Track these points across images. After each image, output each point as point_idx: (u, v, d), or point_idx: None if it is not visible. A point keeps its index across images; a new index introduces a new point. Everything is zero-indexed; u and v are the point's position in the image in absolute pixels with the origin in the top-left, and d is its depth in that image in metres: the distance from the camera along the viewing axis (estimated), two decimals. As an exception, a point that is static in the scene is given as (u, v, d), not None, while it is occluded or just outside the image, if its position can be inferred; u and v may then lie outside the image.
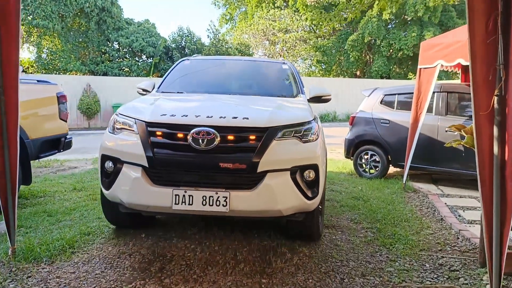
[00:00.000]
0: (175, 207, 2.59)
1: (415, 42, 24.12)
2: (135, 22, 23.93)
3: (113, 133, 2.94)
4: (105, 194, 2.94)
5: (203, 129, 2.63)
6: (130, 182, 2.69)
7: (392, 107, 6.10)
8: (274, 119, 2.82)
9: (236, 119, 2.74)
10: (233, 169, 2.62)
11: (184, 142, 2.65)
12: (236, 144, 2.70)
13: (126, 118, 2.92)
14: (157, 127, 2.73)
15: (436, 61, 4.99)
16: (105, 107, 18.04)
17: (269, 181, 2.64)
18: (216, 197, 2.59)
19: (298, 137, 2.83)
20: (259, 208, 2.65)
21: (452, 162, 5.39)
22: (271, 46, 27.87)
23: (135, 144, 2.71)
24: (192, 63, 4.47)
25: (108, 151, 2.86)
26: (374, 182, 5.85)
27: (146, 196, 2.66)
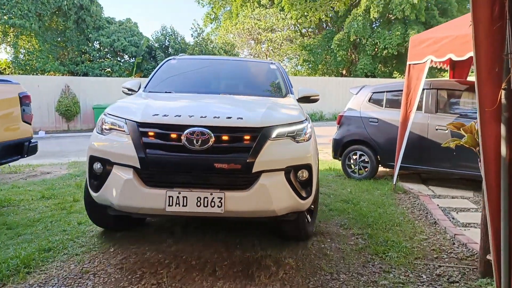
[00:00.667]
0: (169, 209, 2.53)
1: (399, 41, 24.18)
2: (116, 21, 23.33)
3: (102, 134, 2.84)
4: (94, 197, 2.81)
5: (197, 129, 2.58)
6: (121, 184, 2.59)
7: (381, 105, 5.87)
8: (268, 119, 2.79)
9: (230, 119, 2.70)
10: (228, 170, 2.57)
11: (178, 143, 2.59)
12: (231, 144, 2.66)
13: (115, 118, 2.82)
14: (149, 127, 2.66)
15: (426, 57, 4.78)
16: (85, 108, 17.46)
17: (264, 181, 2.61)
18: (211, 198, 2.54)
19: (292, 137, 2.81)
20: (254, 209, 2.62)
21: (443, 161, 5.19)
22: (257, 45, 27.59)
23: (126, 144, 2.63)
24: (178, 62, 4.40)
25: (97, 152, 2.76)
26: (363, 183, 5.61)
27: (138, 198, 2.57)
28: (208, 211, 2.54)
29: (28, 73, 21.05)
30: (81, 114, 17.47)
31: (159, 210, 2.56)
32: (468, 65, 6.44)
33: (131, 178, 2.56)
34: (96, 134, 2.90)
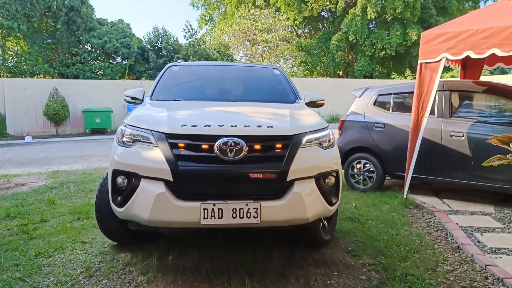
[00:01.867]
0: (204, 222, 2.46)
1: (399, 41, 23.74)
2: (108, 22, 22.72)
3: (125, 146, 2.70)
4: (117, 212, 2.69)
5: (230, 139, 2.52)
6: (152, 198, 2.48)
7: (387, 109, 5.31)
8: (296, 127, 2.78)
9: (260, 127, 2.66)
10: (263, 179, 2.53)
11: (210, 154, 2.52)
12: (264, 153, 2.60)
13: (139, 130, 2.71)
14: (179, 139, 2.57)
15: (440, 55, 4.23)
16: (75, 112, 16.84)
17: (298, 189, 2.58)
18: (247, 208, 2.49)
19: (318, 144, 2.82)
20: (289, 217, 2.59)
21: (459, 171, 4.63)
22: (253, 46, 27.04)
23: (156, 157, 2.54)
24: (181, 69, 4.32)
25: (121, 166, 2.63)
26: (369, 196, 5.04)
27: (171, 212, 2.48)
28: (244, 222, 2.50)
29: (17, 76, 20.39)
30: (71, 118, 16.85)
31: (194, 223, 2.49)
32: (481, 65, 5.91)
33: (163, 192, 2.47)
34: (117, 146, 2.75)
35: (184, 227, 2.63)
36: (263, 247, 3.37)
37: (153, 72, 20.85)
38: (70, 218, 4.28)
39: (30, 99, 16.26)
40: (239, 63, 5.49)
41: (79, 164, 8.88)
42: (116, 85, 17.78)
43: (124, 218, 2.71)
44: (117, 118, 17.44)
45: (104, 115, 16.54)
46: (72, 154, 10.71)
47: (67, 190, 5.81)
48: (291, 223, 2.65)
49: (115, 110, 17.16)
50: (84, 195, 5.43)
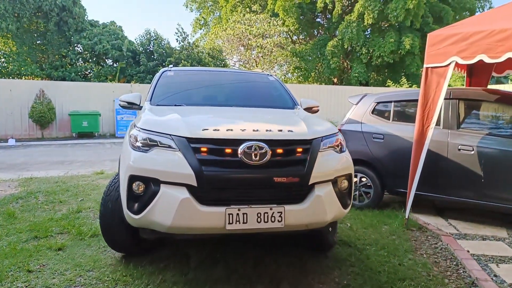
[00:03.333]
0: (229, 227, 2.45)
1: (393, 48, 23.44)
2: (100, 24, 22.19)
3: (142, 151, 2.60)
4: (134, 219, 2.57)
5: (254, 143, 2.51)
6: (175, 203, 2.42)
7: (387, 118, 4.83)
8: (314, 131, 2.81)
9: (281, 132, 2.67)
10: (287, 183, 2.55)
11: (234, 158, 2.50)
12: (286, 157, 2.62)
13: (156, 134, 2.62)
14: (202, 143, 2.53)
15: (449, 58, 3.77)
16: (62, 115, 16.23)
17: (319, 193, 2.62)
18: (271, 213, 2.50)
19: (333, 148, 2.87)
20: (311, 221, 2.63)
21: (468, 190, 4.15)
22: (247, 51, 26.61)
23: (178, 162, 2.47)
24: (176, 74, 4.26)
25: (139, 171, 2.52)
26: (366, 214, 4.54)
27: (195, 218, 2.43)
28: (269, 226, 2.50)
29: (4, 76, 19.74)
30: (57, 121, 16.23)
31: (219, 228, 2.46)
32: (488, 72, 5.47)
33: (187, 197, 2.42)
34: (132, 151, 2.64)
35: (208, 233, 2.59)
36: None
37: (144, 76, 20.32)
38: (26, 236, 3.74)
39: (15, 100, 15.66)
40: (233, 70, 5.41)
41: (57, 170, 8.30)
42: (105, 88, 17.23)
43: (139, 225, 2.63)
44: (106, 121, 16.87)
45: (91, 118, 15.97)
46: (53, 159, 10.13)
47: (35, 200, 5.25)
48: (310, 227, 2.68)
49: (103, 113, 16.59)
50: (51, 208, 4.87)
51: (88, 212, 4.62)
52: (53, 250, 3.37)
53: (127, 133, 2.97)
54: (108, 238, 3.12)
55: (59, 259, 3.19)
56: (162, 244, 3.43)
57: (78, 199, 5.32)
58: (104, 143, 14.15)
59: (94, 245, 3.48)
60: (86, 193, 5.72)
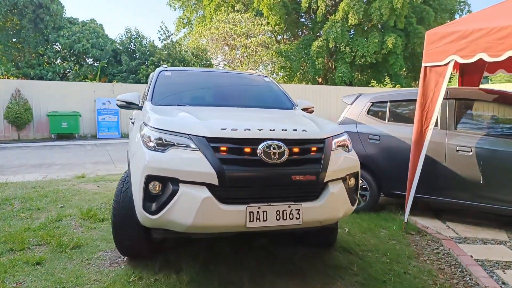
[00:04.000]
0: (250, 225, 2.48)
1: (376, 48, 23.61)
2: (79, 21, 21.54)
3: (158, 151, 2.58)
4: (150, 220, 2.53)
5: (273, 142, 2.57)
6: (197, 203, 2.42)
7: (383, 119, 4.71)
8: (325, 131, 2.88)
9: (296, 131, 2.73)
10: (304, 181, 2.61)
11: (254, 157, 2.55)
12: (302, 156, 2.68)
13: (173, 133, 2.62)
14: (222, 143, 2.55)
15: (448, 57, 3.66)
16: (39, 116, 15.62)
17: (333, 190, 2.70)
18: (289, 210, 2.56)
19: (342, 146, 2.94)
20: (326, 217, 2.70)
21: (466, 192, 4.06)
22: (231, 51, 26.35)
23: (199, 161, 2.48)
24: (174, 74, 4.24)
25: (157, 171, 2.49)
26: (362, 218, 4.40)
27: (217, 216, 2.45)
28: (287, 223, 2.55)
29: (-24, 75, 18.93)
30: (34, 122, 15.61)
31: (239, 227, 2.50)
32: (480, 71, 5.42)
33: (209, 196, 2.43)
34: (148, 151, 2.61)
35: (229, 231, 2.61)
36: None
37: (126, 75, 19.82)
38: (0, 249, 3.42)
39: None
40: (228, 71, 5.31)
41: (35, 174, 7.89)
42: (86, 87, 16.68)
43: (155, 226, 2.62)
44: (86, 122, 16.34)
45: (71, 119, 15.42)
46: (31, 162, 9.66)
47: (10, 208, 4.90)
48: (324, 223, 2.74)
49: (83, 114, 16.06)
50: (28, 216, 4.54)
51: (69, 220, 4.32)
52: (30, 264, 3.08)
53: (136, 134, 3.01)
54: (122, 243, 3.05)
55: (37, 275, 2.90)
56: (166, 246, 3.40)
57: (58, 206, 5.00)
58: (84, 145, 13.67)
59: (76, 258, 3.21)
60: (66, 199, 5.39)
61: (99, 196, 5.59)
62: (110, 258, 3.22)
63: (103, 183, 6.63)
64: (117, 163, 9.36)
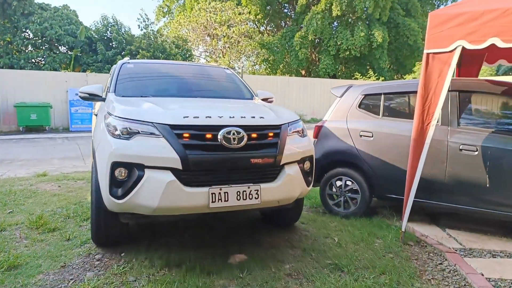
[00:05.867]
0: (212, 205, 2.64)
1: (363, 42, 23.23)
2: (51, 7, 20.28)
3: (123, 139, 2.70)
4: (116, 204, 2.67)
5: (232, 128, 2.73)
6: (161, 186, 2.57)
7: (376, 113, 4.20)
8: (281, 118, 3.08)
9: (254, 118, 2.91)
10: (262, 164, 2.80)
11: (215, 142, 2.71)
12: (260, 141, 2.86)
13: (138, 122, 2.75)
14: (185, 129, 2.70)
15: (455, 42, 3.16)
16: (6, 107, 14.63)
17: (289, 172, 2.92)
18: (249, 191, 2.73)
19: (297, 132, 3.18)
20: (283, 197, 2.91)
21: (470, 196, 3.61)
22: (213, 41, 25.51)
23: (163, 147, 2.63)
24: (136, 66, 4.33)
25: (123, 158, 2.62)
26: (353, 225, 3.92)
27: (181, 198, 2.61)
28: (247, 203, 2.73)
29: None
30: (1, 114, 14.60)
31: (203, 207, 2.65)
32: (479, 61, 4.99)
33: (173, 180, 2.59)
34: (113, 139, 2.73)
35: (193, 212, 2.74)
36: None
37: (102, 65, 18.82)
38: None
39: None
40: (191, 63, 5.33)
41: (-8, 171, 7.13)
42: (57, 77, 15.71)
43: (122, 210, 2.74)
44: (58, 114, 15.41)
45: (41, 110, 14.46)
46: (-3, 156, 8.85)
47: None
48: (281, 203, 2.96)
49: (55, 105, 15.13)
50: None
51: (14, 230, 3.67)
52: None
53: (100, 123, 3.09)
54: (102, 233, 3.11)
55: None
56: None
57: (6, 211, 4.34)
58: (55, 138, 12.80)
59: (9, 284, 2.59)
60: (18, 202, 4.72)
61: (58, 198, 4.94)
62: (51, 283, 2.62)
63: (66, 183, 5.96)
64: (87, 158, 8.65)
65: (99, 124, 3.10)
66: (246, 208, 2.77)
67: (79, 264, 2.92)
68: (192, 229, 3.75)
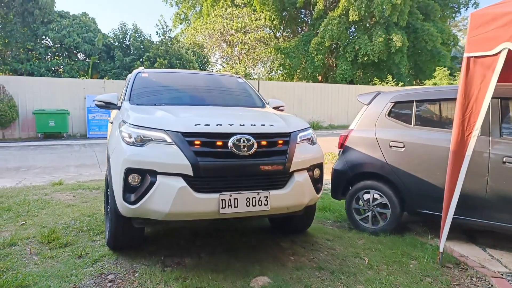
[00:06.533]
0: (222, 211, 2.68)
1: (382, 48, 22.79)
2: (70, 15, 20.59)
3: (137, 146, 2.80)
4: (130, 209, 2.75)
5: (242, 136, 2.78)
6: (173, 192, 2.64)
7: (408, 122, 3.90)
8: (291, 126, 3.14)
9: (264, 126, 2.96)
10: (271, 171, 2.84)
11: (225, 149, 2.75)
12: (269, 148, 2.90)
13: (150, 130, 2.84)
14: (196, 137, 2.76)
15: (500, 45, 2.86)
16: (25, 113, 14.79)
17: (298, 179, 2.95)
18: (258, 197, 2.77)
19: (307, 140, 3.23)
20: (292, 203, 2.94)
21: (515, 213, 3.27)
22: (229, 48, 25.48)
23: (175, 154, 2.70)
24: (150, 75, 4.45)
25: (136, 164, 2.72)
26: (383, 242, 3.61)
27: (192, 204, 2.66)
28: (256, 209, 2.76)
29: (-41, 71, 18.04)
30: (20, 120, 14.78)
31: (213, 213, 2.70)
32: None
33: (184, 186, 2.64)
34: (128, 146, 2.83)
35: (203, 218, 2.79)
36: None
37: (119, 71, 18.95)
38: None
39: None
40: (204, 72, 5.54)
41: (9, 179, 7.09)
42: (75, 84, 15.85)
43: (135, 215, 2.80)
44: (76, 121, 15.52)
45: (59, 117, 14.58)
46: (9, 164, 8.85)
47: (-40, 225, 4.10)
48: (291, 209, 2.98)
49: (73, 112, 15.23)
50: (-22, 237, 3.73)
51: (25, 244, 3.51)
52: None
53: (114, 130, 3.21)
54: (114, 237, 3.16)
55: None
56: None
57: (19, 223, 4.20)
58: (72, 145, 12.85)
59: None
60: (31, 213, 4.59)
61: (71, 209, 4.79)
62: (59, 308, 2.42)
63: (80, 192, 5.82)
64: (104, 166, 8.56)
65: (114, 132, 3.20)
66: (255, 214, 2.80)
67: (90, 286, 2.72)
68: (209, 247, 3.51)
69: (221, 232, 3.89)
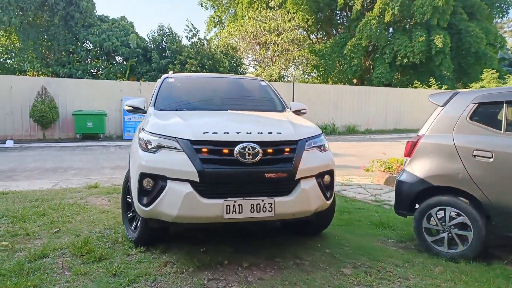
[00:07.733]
0: (227, 216, 2.79)
1: (423, 48, 21.67)
2: (110, 19, 20.97)
3: (151, 152, 2.98)
4: (143, 211, 2.96)
5: (248, 144, 2.85)
6: (180, 197, 2.78)
7: (497, 127, 3.24)
8: (300, 133, 3.18)
9: (271, 134, 3.01)
10: (276, 178, 2.88)
11: (231, 157, 2.83)
12: (275, 156, 2.95)
13: (163, 137, 2.99)
14: (203, 145, 2.87)
15: None
16: (65, 114, 15.03)
17: (304, 186, 2.98)
18: (263, 204, 2.84)
19: (317, 147, 3.22)
20: (297, 210, 2.99)
21: None
22: (262, 50, 25.11)
23: (183, 161, 2.83)
24: (176, 80, 4.59)
25: (149, 169, 2.90)
26: (467, 272, 3.00)
27: (198, 209, 2.78)
28: (260, 215, 2.85)
29: (4, 72, 18.65)
30: (60, 121, 15.04)
31: (218, 218, 2.80)
32: None
33: (191, 191, 2.77)
34: (142, 152, 3.02)
35: (209, 222, 2.91)
36: None
37: (155, 74, 19.04)
38: None
39: (15, 98, 14.56)
40: (228, 75, 5.59)
41: (46, 180, 6.99)
42: (112, 86, 15.98)
43: (148, 216, 2.99)
44: (112, 122, 15.62)
45: (97, 118, 14.72)
46: (47, 165, 8.84)
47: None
48: (297, 216, 3.06)
49: (110, 113, 15.34)
50: (9, 245, 3.45)
51: (57, 257, 3.19)
52: None
53: (136, 136, 3.35)
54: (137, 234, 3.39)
55: None
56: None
57: (53, 230, 3.93)
58: (108, 146, 12.87)
59: None
60: (66, 219, 4.32)
61: (106, 216, 4.49)
62: None
63: (115, 197, 5.55)
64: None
65: (135, 137, 3.38)
66: (259, 220, 2.88)
67: (126, 315, 2.32)
68: (257, 268, 3.04)
69: (271, 254, 3.42)
